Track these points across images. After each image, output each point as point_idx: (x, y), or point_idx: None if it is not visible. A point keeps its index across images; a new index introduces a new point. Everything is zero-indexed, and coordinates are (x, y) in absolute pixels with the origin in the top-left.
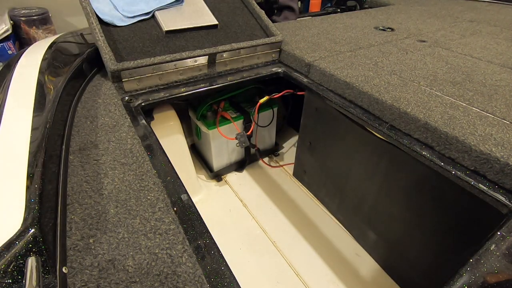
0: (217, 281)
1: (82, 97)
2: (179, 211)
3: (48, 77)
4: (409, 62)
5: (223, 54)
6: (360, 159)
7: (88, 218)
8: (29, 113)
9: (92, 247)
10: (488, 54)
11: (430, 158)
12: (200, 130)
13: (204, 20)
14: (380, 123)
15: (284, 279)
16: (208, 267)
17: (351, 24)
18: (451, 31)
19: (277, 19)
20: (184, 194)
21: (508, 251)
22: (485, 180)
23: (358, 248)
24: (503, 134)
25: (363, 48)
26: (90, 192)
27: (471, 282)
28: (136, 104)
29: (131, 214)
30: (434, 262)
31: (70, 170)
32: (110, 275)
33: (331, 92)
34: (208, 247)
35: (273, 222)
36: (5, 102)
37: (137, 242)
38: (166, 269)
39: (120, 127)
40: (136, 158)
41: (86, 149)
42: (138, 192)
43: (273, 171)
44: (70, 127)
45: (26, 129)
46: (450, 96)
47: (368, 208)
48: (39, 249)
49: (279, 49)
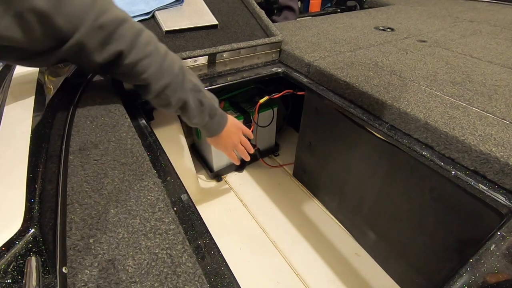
0: (217, 281)
1: (82, 97)
2: (179, 211)
3: (48, 77)
4: (409, 62)
5: (223, 54)
6: (360, 159)
7: (88, 218)
8: (29, 113)
9: (92, 247)
10: (488, 54)
11: (430, 158)
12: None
13: (204, 20)
14: (380, 123)
15: (284, 279)
16: (208, 267)
17: (351, 24)
18: (451, 31)
19: (277, 19)
20: (184, 194)
21: (508, 251)
22: (485, 180)
23: (358, 248)
24: (503, 134)
25: (363, 48)
26: (90, 192)
27: (471, 282)
28: (136, 104)
29: (131, 214)
30: (434, 262)
31: (70, 170)
32: (110, 275)
33: (331, 92)
34: (208, 247)
35: (273, 222)
36: (5, 102)
37: (137, 242)
38: (166, 269)
39: (120, 127)
40: (136, 158)
41: (86, 149)
42: (138, 192)
43: (273, 171)
44: (70, 127)
45: (26, 129)
46: (450, 96)
47: (368, 208)
48: (39, 249)
49: (279, 49)
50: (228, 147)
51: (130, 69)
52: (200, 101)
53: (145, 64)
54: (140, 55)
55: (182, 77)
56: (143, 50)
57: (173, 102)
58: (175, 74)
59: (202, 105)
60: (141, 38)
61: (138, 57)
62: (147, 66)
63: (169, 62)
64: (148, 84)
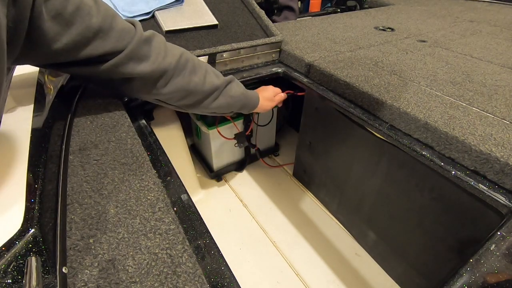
0: (217, 281)
1: (83, 97)
2: (179, 211)
3: (48, 77)
4: (409, 62)
5: (223, 54)
6: (360, 159)
7: (88, 218)
8: (29, 113)
9: (92, 247)
10: (488, 54)
11: (430, 158)
12: (200, 130)
13: (204, 20)
14: (380, 123)
15: (284, 279)
16: (208, 267)
17: (351, 24)
18: (451, 31)
19: (277, 19)
20: (184, 194)
21: (508, 251)
22: (485, 180)
23: (358, 248)
24: (503, 134)
25: (363, 48)
26: (90, 192)
27: (471, 282)
28: (136, 104)
29: (131, 214)
30: (434, 262)
31: (70, 170)
32: (110, 275)
33: (331, 92)
34: (208, 247)
35: (273, 222)
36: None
37: (137, 242)
38: (166, 269)
39: (120, 127)
40: (136, 158)
41: (86, 149)
42: (138, 192)
43: (273, 171)
44: (70, 127)
45: (26, 129)
46: (450, 96)
47: (368, 208)
48: (39, 249)
49: (279, 49)
50: (268, 110)
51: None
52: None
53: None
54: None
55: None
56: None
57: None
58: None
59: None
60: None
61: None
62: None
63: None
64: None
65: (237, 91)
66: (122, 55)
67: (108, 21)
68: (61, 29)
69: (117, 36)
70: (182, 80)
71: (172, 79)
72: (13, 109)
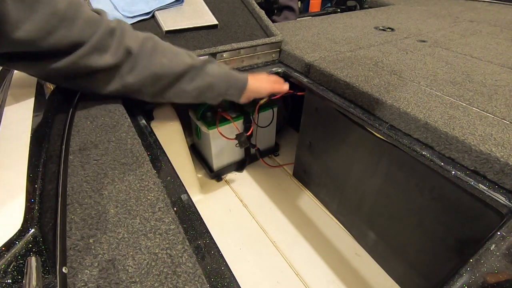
0: (217, 281)
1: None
2: (179, 211)
3: None
4: (409, 62)
5: (223, 54)
6: (360, 159)
7: (88, 218)
8: (29, 113)
9: (92, 247)
10: (488, 54)
11: (430, 158)
12: (200, 130)
13: (204, 20)
14: (380, 123)
15: (284, 279)
16: (208, 267)
17: (351, 24)
18: (451, 31)
19: (277, 19)
20: (184, 194)
21: (508, 251)
22: (485, 180)
23: (358, 248)
24: (503, 134)
25: (363, 48)
26: (90, 192)
27: (471, 282)
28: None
29: (131, 214)
30: (434, 262)
31: (70, 170)
32: (110, 275)
33: (331, 92)
34: (208, 247)
35: (273, 222)
36: (5, 102)
37: (137, 242)
38: (166, 269)
39: (120, 127)
40: (136, 158)
41: (86, 149)
42: (138, 192)
43: (273, 171)
44: (70, 127)
45: (26, 129)
46: (450, 96)
47: (368, 208)
48: (39, 249)
49: (279, 49)
50: (263, 94)
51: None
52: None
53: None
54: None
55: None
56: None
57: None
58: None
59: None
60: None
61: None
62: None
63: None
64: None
65: (219, 71)
66: (87, 46)
67: (74, 8)
68: (24, 14)
69: (83, 25)
70: (149, 63)
71: (138, 64)
72: (13, 109)
